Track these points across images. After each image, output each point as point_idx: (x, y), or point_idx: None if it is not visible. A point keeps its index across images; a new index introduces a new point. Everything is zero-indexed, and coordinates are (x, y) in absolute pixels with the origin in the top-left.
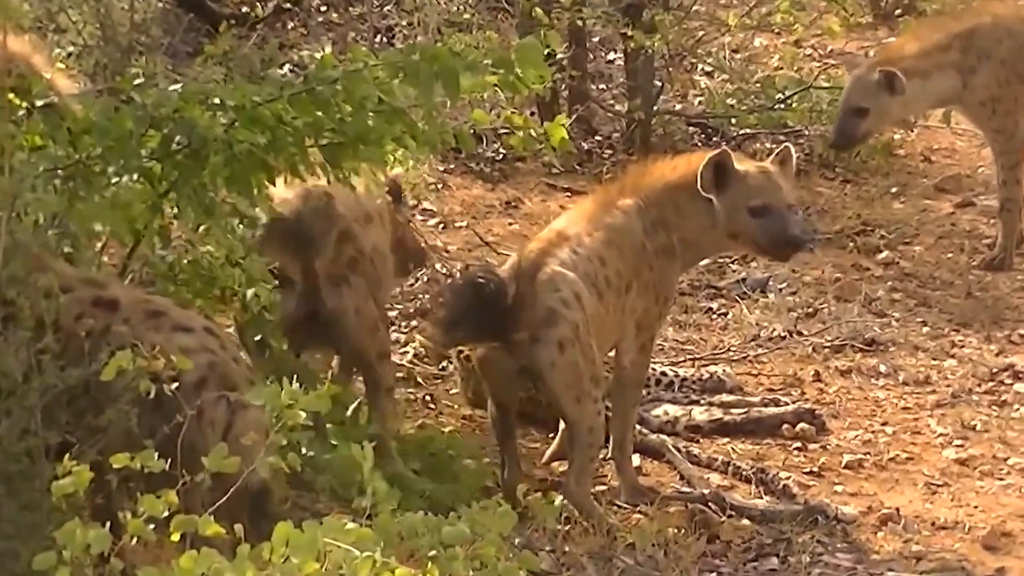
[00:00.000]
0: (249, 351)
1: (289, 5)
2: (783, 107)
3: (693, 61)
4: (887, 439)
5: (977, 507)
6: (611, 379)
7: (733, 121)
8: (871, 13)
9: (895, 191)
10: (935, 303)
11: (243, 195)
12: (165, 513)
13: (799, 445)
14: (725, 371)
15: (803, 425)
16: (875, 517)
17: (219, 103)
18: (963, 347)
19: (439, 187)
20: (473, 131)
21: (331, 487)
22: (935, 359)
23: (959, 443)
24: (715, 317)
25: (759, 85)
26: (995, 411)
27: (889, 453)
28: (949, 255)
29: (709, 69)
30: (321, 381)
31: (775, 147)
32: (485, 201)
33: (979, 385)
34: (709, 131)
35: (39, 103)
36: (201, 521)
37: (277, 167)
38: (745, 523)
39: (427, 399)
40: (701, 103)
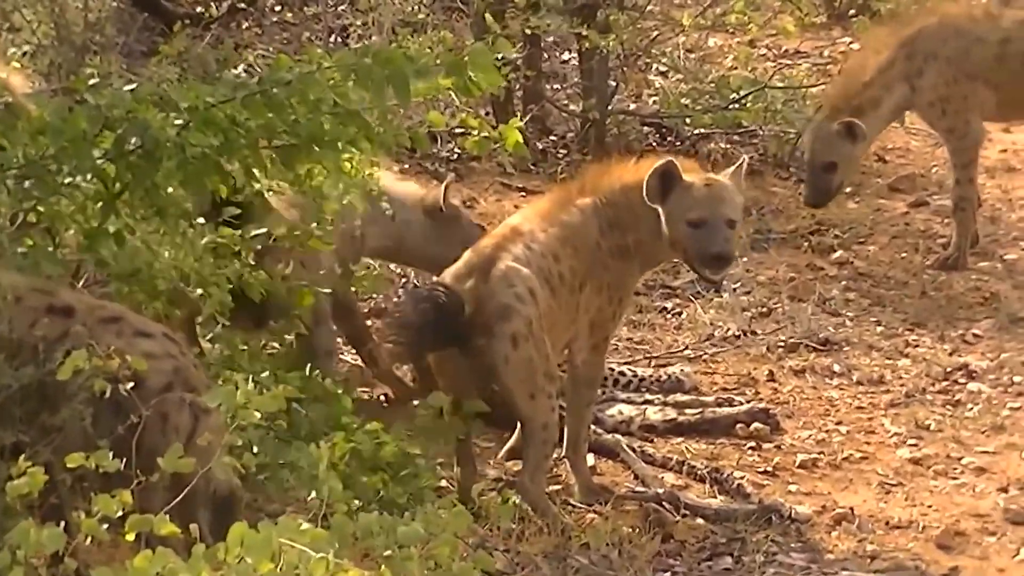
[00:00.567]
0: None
1: (243, 5)
2: (738, 107)
3: (648, 61)
4: (841, 439)
5: (931, 506)
6: (565, 378)
7: (688, 121)
8: (825, 13)
9: (849, 191)
10: (889, 303)
11: (196, 196)
12: (119, 513)
13: (753, 444)
14: (683, 371)
15: (757, 425)
16: (829, 516)
17: (173, 104)
18: (917, 347)
19: None
20: (428, 131)
21: (285, 487)
22: (889, 359)
23: (913, 442)
24: (669, 316)
25: (713, 85)
26: (949, 410)
27: (843, 452)
28: (903, 255)
29: (664, 69)
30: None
31: (729, 147)
32: None
33: (933, 384)
34: (664, 131)
35: None
36: (156, 521)
37: (230, 169)
38: (699, 522)
39: (381, 398)
40: (656, 103)
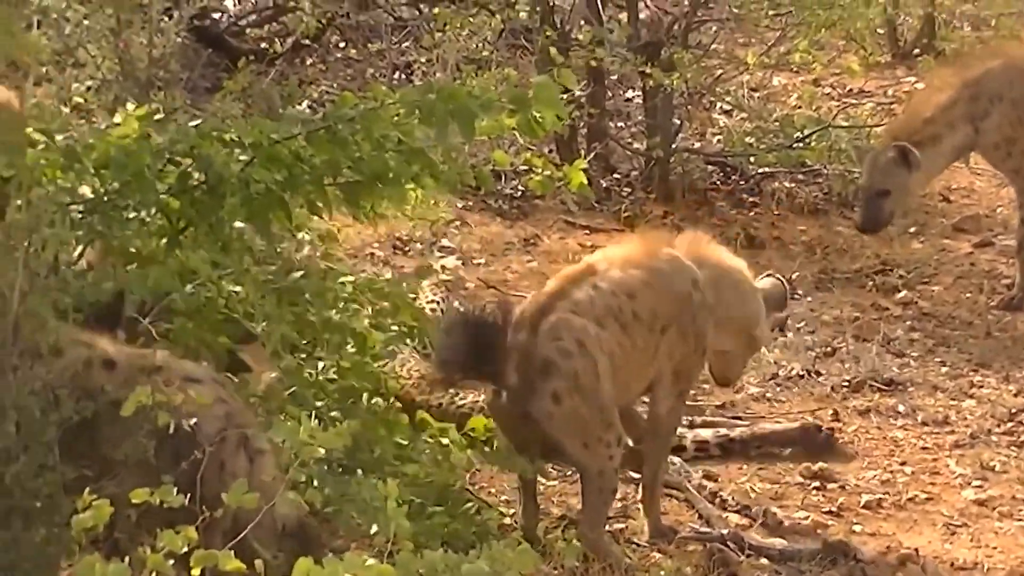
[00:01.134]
0: None
1: (308, 41)
2: (802, 146)
3: (712, 99)
4: (906, 479)
5: (996, 548)
6: (646, 424)
7: (752, 160)
8: (890, 52)
9: (914, 231)
10: (954, 343)
11: (260, 233)
12: (184, 549)
13: (818, 484)
14: None
15: (821, 465)
16: (894, 557)
17: (236, 140)
18: (982, 387)
19: (458, 224)
20: (492, 169)
21: (350, 522)
22: (954, 399)
23: (978, 483)
24: None
25: (778, 124)
26: (1014, 452)
27: (908, 493)
28: (968, 295)
29: (728, 107)
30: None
31: (793, 186)
32: (504, 238)
33: (998, 425)
34: (728, 169)
35: (59, 137)
36: (221, 556)
37: (295, 205)
38: (764, 563)
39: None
40: (720, 141)
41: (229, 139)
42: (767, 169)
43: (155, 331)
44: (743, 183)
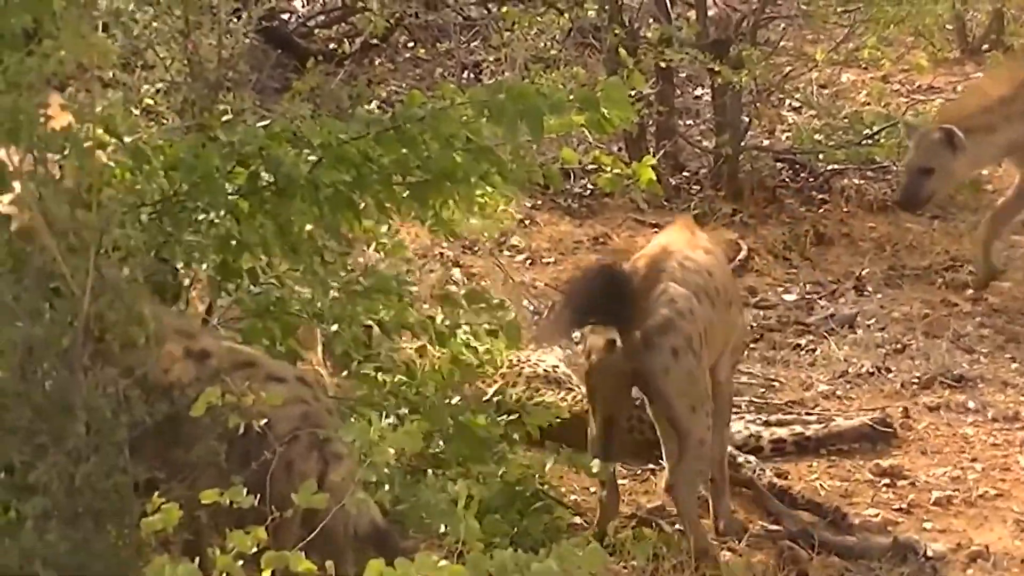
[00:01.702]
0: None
1: (377, 41)
2: (871, 142)
3: (780, 96)
4: (976, 476)
5: None
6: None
7: (821, 157)
8: (958, 48)
9: None
10: None
11: (329, 233)
12: (254, 549)
13: (888, 482)
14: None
15: (892, 462)
16: (964, 554)
17: (305, 140)
18: None
19: (527, 223)
20: (561, 168)
21: (421, 522)
22: None
23: None
24: (803, 353)
25: (847, 120)
26: None
27: (978, 490)
28: None
29: (796, 104)
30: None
31: (863, 183)
32: (573, 237)
33: None
34: (797, 167)
35: (127, 139)
36: (292, 556)
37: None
38: (834, 560)
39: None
40: (788, 138)
41: (298, 140)
42: (836, 166)
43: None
44: (812, 180)
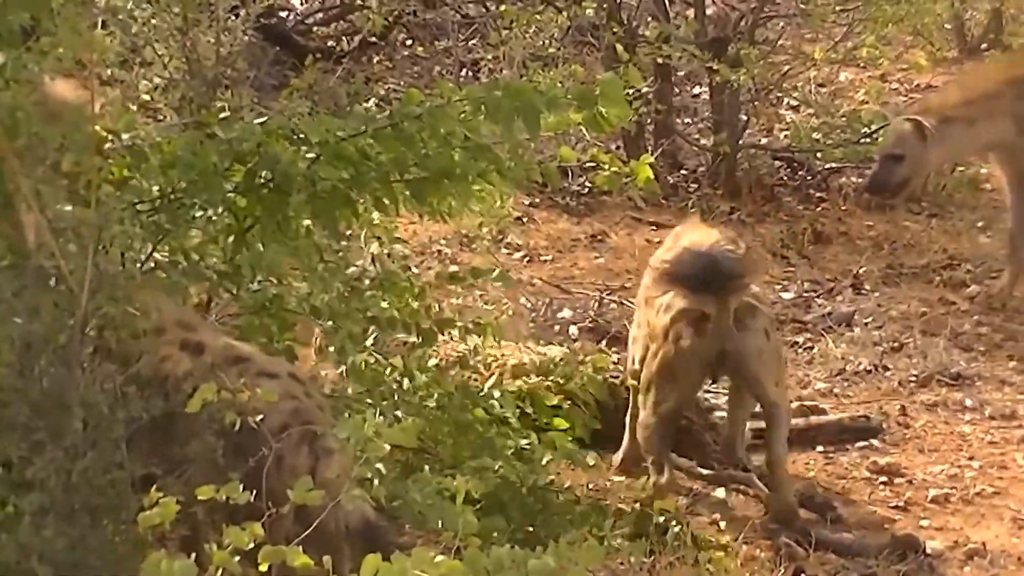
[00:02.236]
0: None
1: (375, 39)
2: (869, 141)
3: (779, 95)
4: (973, 473)
5: None
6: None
7: (819, 155)
8: (957, 47)
9: (981, 225)
10: (1022, 337)
11: (327, 230)
12: (251, 545)
13: (885, 479)
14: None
15: (888, 459)
16: (961, 552)
17: (303, 138)
18: None
19: (524, 221)
20: (559, 166)
21: (418, 519)
22: (1021, 393)
23: None
24: (800, 351)
25: (845, 119)
26: None
27: (975, 487)
28: None
29: (795, 103)
30: None
31: (861, 181)
32: (571, 235)
33: None
34: (795, 165)
35: (125, 136)
36: (289, 551)
37: (361, 202)
38: (831, 557)
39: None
40: (787, 137)
41: (296, 137)
42: (834, 164)
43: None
44: (810, 178)
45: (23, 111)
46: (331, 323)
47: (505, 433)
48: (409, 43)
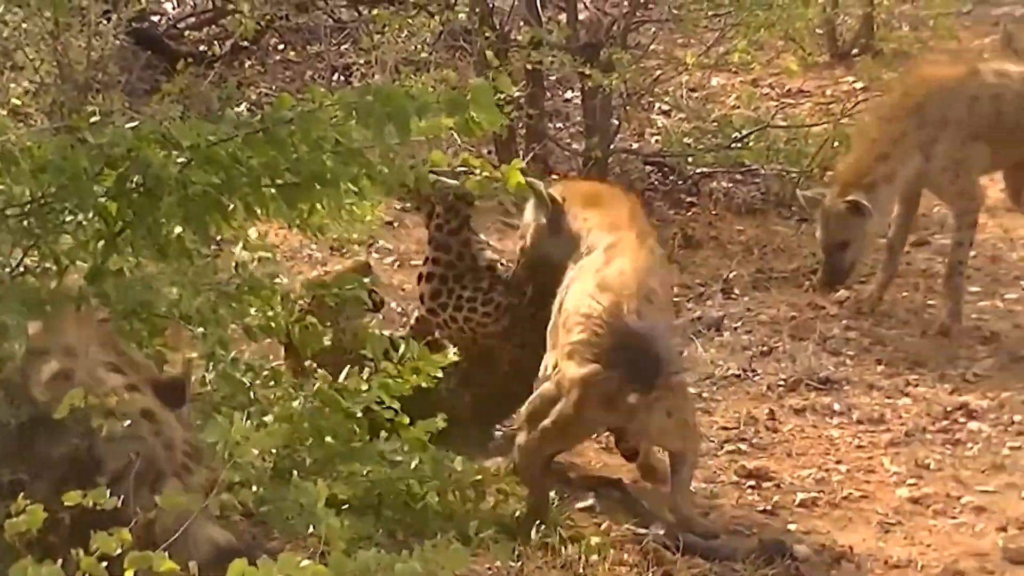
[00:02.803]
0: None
1: (247, 43)
2: (740, 146)
3: (650, 100)
4: (841, 477)
5: (930, 546)
6: None
7: (690, 160)
8: (828, 52)
9: None
10: (890, 342)
11: (198, 236)
12: (118, 551)
13: (753, 483)
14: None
15: (756, 464)
16: (829, 556)
17: (174, 142)
18: (917, 386)
19: (395, 225)
20: (431, 170)
21: (285, 524)
22: (889, 398)
23: (912, 482)
24: None
25: (716, 124)
26: (949, 450)
27: (843, 491)
28: (904, 294)
29: (666, 108)
30: None
31: (732, 186)
32: None
33: (933, 424)
34: (666, 170)
35: None
36: (156, 557)
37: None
38: (699, 561)
39: None
40: (658, 142)
41: (167, 141)
42: (705, 169)
43: None
44: (681, 183)
45: None
46: (201, 329)
47: (363, 437)
48: (281, 47)
